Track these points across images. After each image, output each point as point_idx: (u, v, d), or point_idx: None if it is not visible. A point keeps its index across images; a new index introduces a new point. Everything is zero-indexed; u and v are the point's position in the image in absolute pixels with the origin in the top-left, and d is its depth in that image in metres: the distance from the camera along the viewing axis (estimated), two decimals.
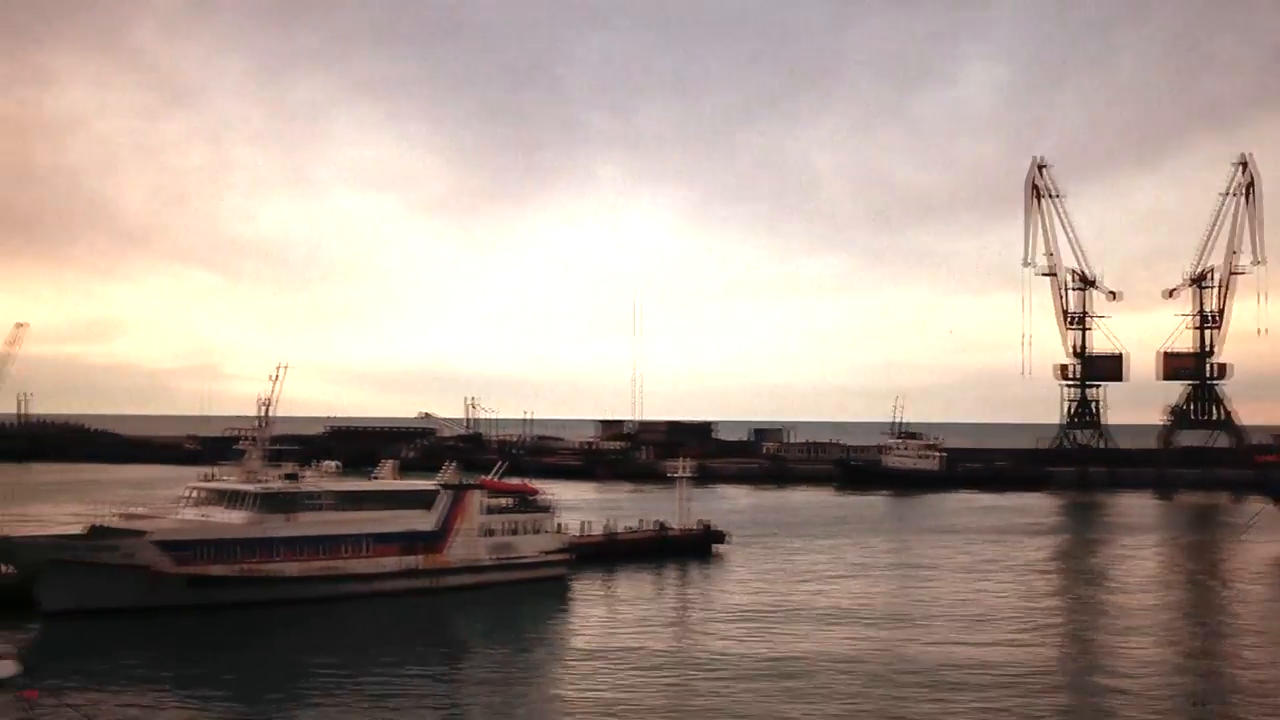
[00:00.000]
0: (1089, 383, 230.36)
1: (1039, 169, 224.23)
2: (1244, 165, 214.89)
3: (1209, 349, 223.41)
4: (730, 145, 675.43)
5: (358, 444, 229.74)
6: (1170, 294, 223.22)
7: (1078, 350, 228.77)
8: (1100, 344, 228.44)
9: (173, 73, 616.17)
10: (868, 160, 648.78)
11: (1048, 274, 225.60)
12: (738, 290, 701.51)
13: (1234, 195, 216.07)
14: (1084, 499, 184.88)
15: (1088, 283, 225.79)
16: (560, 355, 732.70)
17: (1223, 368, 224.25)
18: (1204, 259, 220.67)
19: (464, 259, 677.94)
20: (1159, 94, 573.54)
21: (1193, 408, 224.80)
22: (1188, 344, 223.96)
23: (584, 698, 54.02)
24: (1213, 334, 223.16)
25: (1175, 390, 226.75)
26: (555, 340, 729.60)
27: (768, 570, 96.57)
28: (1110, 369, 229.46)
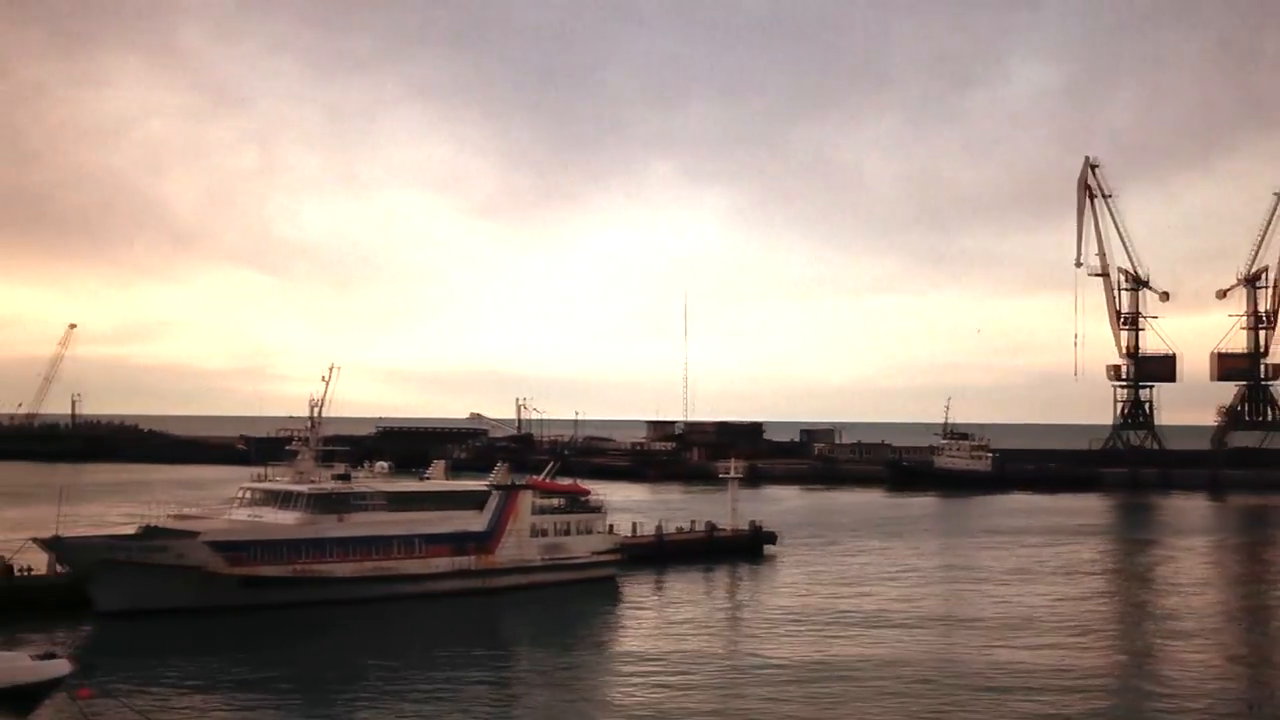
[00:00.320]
0: (1141, 383, 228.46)
1: (1091, 169, 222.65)
2: None
3: (1263, 350, 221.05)
4: (779, 145, 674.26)
5: (408, 445, 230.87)
6: (1223, 294, 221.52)
7: (1130, 351, 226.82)
8: (1153, 344, 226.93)
9: (223, 74, 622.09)
10: (918, 160, 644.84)
11: (1099, 274, 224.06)
12: (786, 290, 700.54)
13: None
14: (1136, 500, 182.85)
15: (1140, 283, 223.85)
16: (609, 355, 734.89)
17: (1277, 369, 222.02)
18: (1257, 259, 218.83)
19: (513, 259, 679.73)
20: (1210, 93, 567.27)
21: (1246, 408, 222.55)
22: (1241, 345, 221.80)
23: (632, 699, 54.05)
24: (1267, 334, 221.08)
25: (1228, 391, 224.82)
26: (605, 340, 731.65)
27: (818, 571, 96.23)
28: (1163, 370, 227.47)
